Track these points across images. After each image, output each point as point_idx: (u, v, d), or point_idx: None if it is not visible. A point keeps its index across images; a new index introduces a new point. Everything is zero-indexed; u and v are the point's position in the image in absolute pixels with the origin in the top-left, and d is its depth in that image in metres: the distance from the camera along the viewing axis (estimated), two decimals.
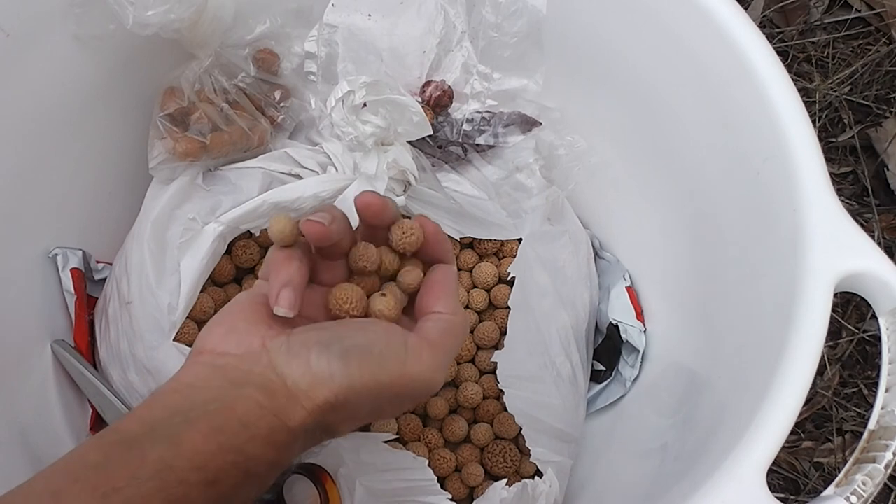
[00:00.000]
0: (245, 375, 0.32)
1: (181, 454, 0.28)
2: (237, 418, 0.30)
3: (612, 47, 0.50)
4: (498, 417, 0.52)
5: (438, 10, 0.52)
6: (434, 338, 0.34)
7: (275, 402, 0.31)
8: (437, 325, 0.35)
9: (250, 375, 0.32)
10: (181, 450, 0.29)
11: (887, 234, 0.76)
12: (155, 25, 0.45)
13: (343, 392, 0.31)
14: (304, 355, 0.32)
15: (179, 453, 0.28)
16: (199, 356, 0.33)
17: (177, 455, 0.28)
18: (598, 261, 0.58)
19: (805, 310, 0.35)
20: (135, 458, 0.28)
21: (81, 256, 0.51)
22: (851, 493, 0.32)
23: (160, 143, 0.49)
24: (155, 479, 0.28)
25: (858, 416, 0.70)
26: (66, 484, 0.27)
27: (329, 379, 0.31)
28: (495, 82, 0.54)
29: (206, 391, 0.31)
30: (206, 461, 0.29)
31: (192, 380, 0.32)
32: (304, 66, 0.53)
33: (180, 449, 0.29)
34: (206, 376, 0.32)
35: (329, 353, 0.31)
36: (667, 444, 0.45)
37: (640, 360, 0.54)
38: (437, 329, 0.34)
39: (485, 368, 0.54)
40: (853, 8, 0.84)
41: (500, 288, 0.56)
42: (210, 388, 0.31)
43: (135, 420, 0.30)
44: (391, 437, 0.47)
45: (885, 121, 0.80)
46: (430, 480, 0.45)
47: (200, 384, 0.32)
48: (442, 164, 0.55)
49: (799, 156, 0.39)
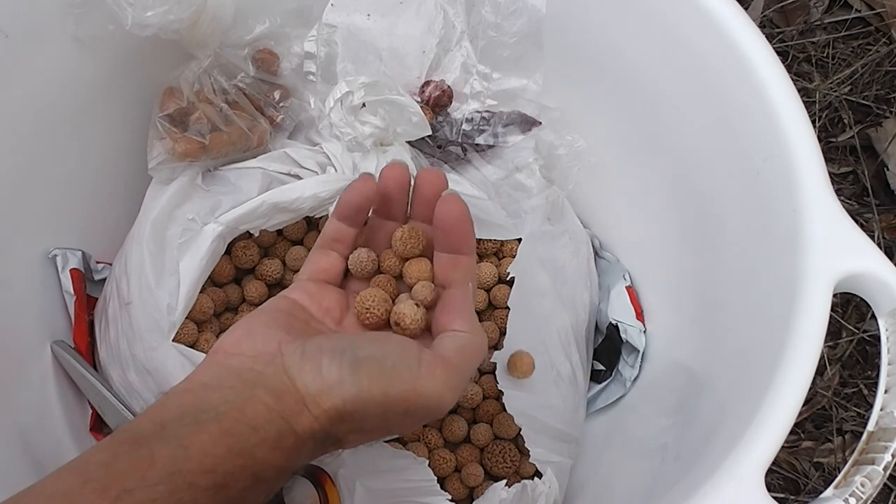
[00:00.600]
0: (257, 377, 0.31)
1: (190, 456, 0.28)
2: (247, 421, 0.30)
3: (612, 47, 0.50)
4: (497, 418, 0.52)
5: (438, 9, 0.52)
6: (450, 356, 0.33)
7: (283, 405, 0.31)
8: (454, 343, 0.34)
9: (262, 377, 0.31)
10: (190, 452, 0.28)
11: (887, 234, 0.76)
12: (154, 26, 0.45)
13: (351, 400, 0.31)
14: (316, 360, 0.31)
15: (189, 455, 0.28)
16: (214, 356, 0.33)
17: (186, 457, 0.28)
18: (598, 260, 0.58)
19: (805, 310, 0.35)
20: (143, 458, 0.28)
21: (81, 257, 0.51)
22: (850, 494, 0.32)
23: (159, 143, 0.49)
24: (165, 483, 0.27)
25: (858, 416, 0.70)
26: (77, 485, 0.27)
27: (338, 385, 0.31)
28: (495, 82, 0.54)
29: (218, 391, 0.31)
30: (216, 464, 0.29)
31: (206, 379, 0.32)
32: (304, 66, 0.53)
33: (190, 451, 0.28)
34: (220, 376, 0.32)
35: (341, 360, 0.31)
36: (667, 444, 0.45)
37: (640, 360, 0.54)
38: (454, 347, 0.34)
39: (484, 368, 0.54)
40: (853, 8, 0.84)
41: (499, 288, 0.55)
42: (222, 389, 0.31)
43: (147, 419, 0.30)
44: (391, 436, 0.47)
45: (885, 121, 0.80)
46: (430, 481, 0.45)
47: (213, 384, 0.32)
48: (441, 164, 0.55)
49: (799, 156, 0.39)
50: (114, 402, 0.48)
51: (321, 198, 0.49)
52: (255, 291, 0.54)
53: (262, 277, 0.54)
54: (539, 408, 0.48)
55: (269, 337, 0.33)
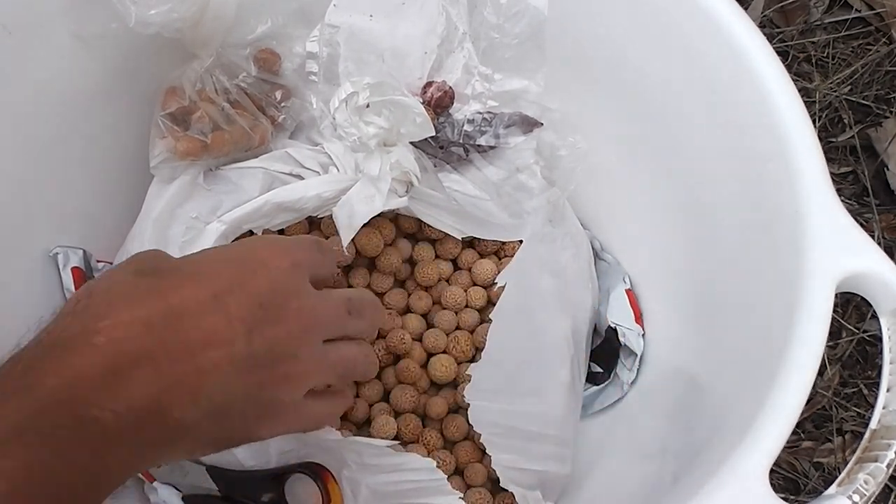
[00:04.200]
0: None
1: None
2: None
3: (613, 48, 0.50)
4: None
5: (440, 10, 0.52)
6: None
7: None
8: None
9: None
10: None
11: (887, 234, 0.76)
12: (157, 24, 0.45)
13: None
14: None
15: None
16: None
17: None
18: (598, 262, 0.58)
19: (806, 310, 0.35)
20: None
21: (82, 255, 0.51)
22: (854, 491, 0.32)
23: (161, 142, 0.49)
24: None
25: (858, 416, 0.70)
26: None
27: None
28: (496, 83, 0.54)
29: None
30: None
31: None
32: (306, 66, 0.53)
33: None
34: None
35: None
36: (666, 447, 0.45)
37: (638, 363, 0.54)
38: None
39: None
40: (853, 8, 0.84)
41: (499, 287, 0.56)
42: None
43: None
44: (391, 441, 0.47)
45: (885, 121, 0.80)
46: (440, 480, 0.45)
47: None
48: (443, 164, 0.55)
49: (800, 156, 0.39)
50: None
51: (324, 198, 0.49)
52: None
53: None
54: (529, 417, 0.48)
55: None
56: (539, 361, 0.50)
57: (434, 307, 0.56)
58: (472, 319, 0.55)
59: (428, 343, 0.54)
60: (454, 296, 0.55)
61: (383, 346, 0.53)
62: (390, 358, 0.54)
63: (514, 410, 0.48)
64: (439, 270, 0.55)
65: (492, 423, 0.47)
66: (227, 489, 0.45)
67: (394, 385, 0.53)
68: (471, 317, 0.55)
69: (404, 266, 0.56)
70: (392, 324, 0.53)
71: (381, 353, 0.53)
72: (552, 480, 0.49)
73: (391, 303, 0.55)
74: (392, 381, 0.53)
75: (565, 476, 0.50)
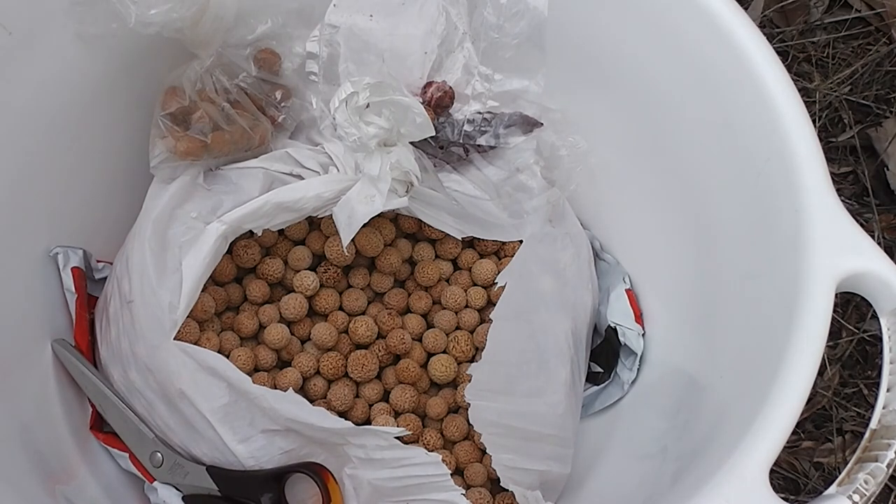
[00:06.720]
0: None
1: None
2: None
3: (613, 48, 0.50)
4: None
5: (440, 11, 0.52)
6: None
7: None
8: None
9: None
10: None
11: (887, 234, 0.76)
12: (157, 24, 0.45)
13: None
14: None
15: None
16: None
17: None
18: (598, 262, 0.58)
19: (807, 310, 0.35)
20: None
21: (82, 255, 0.51)
22: (854, 491, 0.32)
23: (161, 142, 0.49)
24: None
25: (858, 416, 0.70)
26: None
27: None
28: (496, 83, 0.54)
29: None
30: None
31: None
32: (306, 66, 0.53)
33: None
34: None
35: None
36: (666, 447, 0.45)
37: (639, 363, 0.54)
38: None
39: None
40: (853, 8, 0.84)
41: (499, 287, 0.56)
42: None
43: None
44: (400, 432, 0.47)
45: (885, 121, 0.80)
46: (443, 475, 0.45)
47: None
48: (443, 164, 0.55)
49: (800, 156, 0.39)
50: (114, 401, 0.48)
51: (324, 198, 0.49)
52: (257, 291, 0.54)
53: (263, 277, 0.54)
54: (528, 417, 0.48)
55: None
56: (539, 361, 0.50)
57: (434, 307, 0.56)
58: (472, 319, 0.55)
59: (428, 343, 0.54)
60: (454, 296, 0.55)
61: (383, 346, 0.53)
62: (390, 358, 0.54)
63: (514, 410, 0.48)
64: (439, 270, 0.56)
65: (492, 422, 0.47)
66: (227, 489, 0.46)
67: (394, 385, 0.53)
68: (471, 317, 0.55)
69: (404, 266, 0.56)
70: (392, 324, 0.53)
71: (381, 353, 0.53)
72: (552, 480, 0.49)
73: (391, 303, 0.55)
74: (392, 381, 0.53)
75: (565, 476, 0.50)
